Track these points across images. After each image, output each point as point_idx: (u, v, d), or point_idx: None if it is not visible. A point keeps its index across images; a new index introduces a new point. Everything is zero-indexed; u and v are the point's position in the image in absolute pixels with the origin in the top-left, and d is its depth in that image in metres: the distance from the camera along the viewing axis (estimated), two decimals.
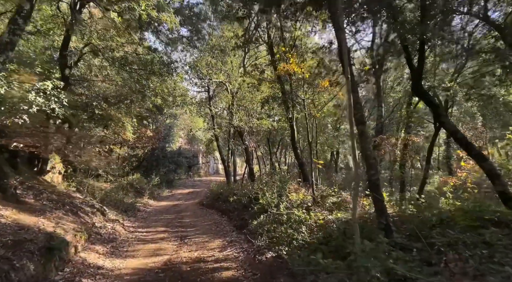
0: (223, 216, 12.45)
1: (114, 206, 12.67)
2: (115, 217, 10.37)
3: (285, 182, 10.08)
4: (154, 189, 21.00)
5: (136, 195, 18.19)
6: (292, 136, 11.26)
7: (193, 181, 30.37)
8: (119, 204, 13.17)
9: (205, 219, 12.22)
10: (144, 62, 11.62)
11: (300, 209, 7.55)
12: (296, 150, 11.35)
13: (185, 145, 35.24)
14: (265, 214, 8.53)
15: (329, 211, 7.69)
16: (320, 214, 7.17)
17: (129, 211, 13.16)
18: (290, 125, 11.14)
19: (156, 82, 11.85)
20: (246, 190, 11.49)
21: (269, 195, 9.46)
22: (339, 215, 6.82)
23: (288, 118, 10.92)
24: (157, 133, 23.35)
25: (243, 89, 12.49)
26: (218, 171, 40.64)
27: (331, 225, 6.37)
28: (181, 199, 19.94)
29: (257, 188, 11.10)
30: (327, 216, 6.93)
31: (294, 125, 11.13)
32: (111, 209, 11.60)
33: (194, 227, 10.36)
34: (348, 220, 6.35)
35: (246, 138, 13.67)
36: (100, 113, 14.41)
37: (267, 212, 8.57)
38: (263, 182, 11.47)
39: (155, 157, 24.77)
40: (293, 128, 11.18)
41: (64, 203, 7.80)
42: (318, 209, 7.73)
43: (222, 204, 13.64)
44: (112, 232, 8.05)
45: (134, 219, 11.94)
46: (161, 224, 11.00)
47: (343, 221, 6.47)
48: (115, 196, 14.50)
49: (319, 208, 7.76)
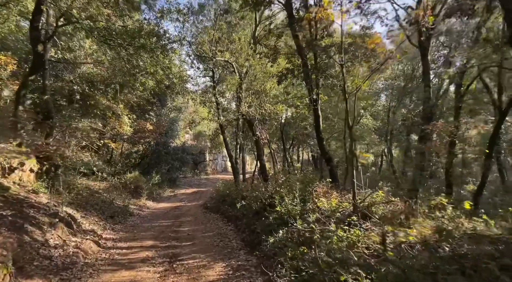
0: (228, 223, 10.11)
1: (99, 210, 10.48)
2: (91, 227, 8.14)
3: (310, 183, 7.65)
4: (154, 188, 18.83)
5: (132, 195, 16.05)
6: (317, 124, 8.81)
7: (199, 179, 28.18)
8: (105, 208, 10.99)
9: (207, 227, 9.91)
10: (131, 33, 9.32)
11: (339, 225, 5.12)
12: (322, 141, 8.88)
13: (191, 141, 33.11)
14: (285, 228, 6.14)
15: (380, 226, 5.23)
16: (376, 234, 4.71)
17: (117, 216, 10.95)
18: (313, 109, 8.69)
19: (147, 59, 9.55)
20: (257, 192, 9.12)
21: (288, 200, 7.07)
22: (412, 235, 4.32)
23: (311, 101, 8.49)
24: (158, 127, 21.15)
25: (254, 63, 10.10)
26: (226, 168, 38.39)
27: (404, 253, 3.91)
28: (183, 199, 17.73)
29: (272, 190, 8.71)
30: (388, 236, 4.47)
31: (318, 109, 8.68)
32: (91, 216, 9.40)
33: (191, 241, 8.04)
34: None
35: (257, 128, 11.28)
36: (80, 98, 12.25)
37: (288, 225, 6.19)
38: (279, 182, 9.06)
39: (157, 153, 22.59)
40: (318, 114, 8.73)
41: (2, 213, 5.58)
42: (365, 223, 5.28)
43: (228, 208, 11.30)
44: (73, 253, 5.79)
45: (120, 227, 9.71)
46: (151, 235, 8.73)
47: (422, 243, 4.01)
48: (103, 197, 12.35)
49: (366, 222, 5.30)
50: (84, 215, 9.05)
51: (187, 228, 9.86)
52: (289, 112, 10.79)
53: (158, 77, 10.43)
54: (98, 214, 10.16)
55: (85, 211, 9.78)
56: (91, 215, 9.56)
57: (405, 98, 19.73)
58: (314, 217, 5.63)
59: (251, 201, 9.11)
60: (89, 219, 8.89)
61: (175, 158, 23.64)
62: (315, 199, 7.03)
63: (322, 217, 5.75)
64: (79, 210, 9.41)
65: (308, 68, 8.17)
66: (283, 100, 10.87)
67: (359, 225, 5.15)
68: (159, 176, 19.54)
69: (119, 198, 13.92)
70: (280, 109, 10.24)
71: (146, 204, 15.36)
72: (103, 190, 14.30)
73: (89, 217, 9.14)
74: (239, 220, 9.56)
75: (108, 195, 13.42)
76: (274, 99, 10.74)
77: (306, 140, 21.36)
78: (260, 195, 8.88)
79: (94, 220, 9.07)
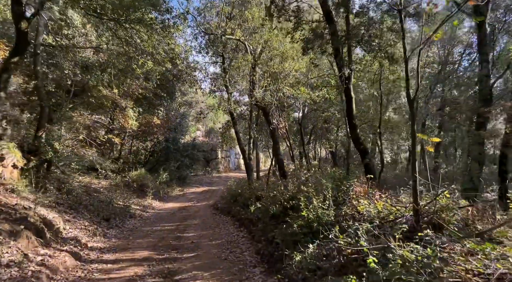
0: (241, 228, 8.56)
1: (93, 212, 9.15)
2: (75, 234, 6.75)
3: (344, 180, 5.98)
4: (161, 187, 17.53)
5: (137, 194, 14.78)
6: (348, 108, 7.10)
7: (210, 177, 26.77)
8: (101, 209, 9.64)
9: (215, 233, 8.39)
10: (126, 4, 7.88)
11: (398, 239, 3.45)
12: (355, 130, 7.16)
13: (202, 137, 31.80)
14: (316, 241, 4.52)
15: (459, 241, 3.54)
16: (463, 255, 3.04)
17: (114, 218, 9.60)
18: (345, 90, 6.97)
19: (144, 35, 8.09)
20: (275, 192, 7.50)
21: (317, 202, 5.43)
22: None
23: (342, 79, 6.80)
24: (166, 122, 19.83)
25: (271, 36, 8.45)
26: (239, 166, 36.90)
27: None
28: (192, 199, 16.32)
29: (294, 189, 7.09)
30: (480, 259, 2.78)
31: (351, 89, 6.97)
32: (81, 219, 8.04)
33: (194, 251, 6.53)
34: None
35: (274, 116, 9.65)
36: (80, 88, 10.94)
37: (319, 236, 4.57)
38: (302, 179, 7.42)
39: (165, 150, 21.31)
40: (350, 95, 7.02)
41: None
42: (439, 237, 3.58)
43: (240, 210, 9.75)
44: (32, 273, 4.36)
45: (115, 232, 8.31)
46: (149, 243, 7.28)
47: None
48: (102, 197, 11.05)
49: (441, 236, 3.60)
50: (71, 219, 7.69)
51: (192, 234, 8.37)
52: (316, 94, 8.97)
53: (158, 58, 8.98)
54: (92, 216, 8.83)
55: (76, 213, 8.45)
56: (81, 218, 8.21)
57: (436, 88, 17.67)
58: (366, 228, 3.95)
59: (268, 202, 7.52)
60: (76, 223, 7.51)
61: (185, 155, 22.31)
62: (354, 201, 5.36)
63: (370, 227, 4.09)
64: (67, 212, 8.08)
65: (339, 37, 6.51)
66: (306, 81, 9.09)
67: (432, 241, 3.46)
68: (167, 174, 18.23)
69: (121, 197, 12.64)
70: (302, 91, 8.56)
71: (152, 204, 14.02)
72: (105, 188, 13.10)
73: (78, 221, 7.78)
74: (253, 225, 8.00)
75: (109, 194, 12.17)
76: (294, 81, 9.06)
77: (325, 134, 19.56)
78: (279, 195, 7.28)
79: (83, 224, 7.69)
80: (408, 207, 4.57)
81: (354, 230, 4.07)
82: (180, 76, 12.56)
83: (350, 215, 5.10)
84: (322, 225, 5.03)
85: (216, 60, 13.64)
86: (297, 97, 9.39)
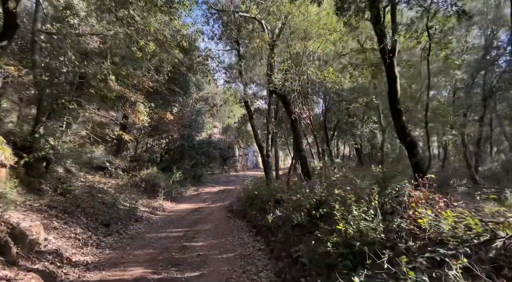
0: (257, 237, 7.23)
1: (91, 216, 8.13)
2: (58, 245, 5.66)
3: (392, 182, 4.50)
4: (175, 186, 16.52)
5: (148, 195, 13.80)
6: (392, 89, 5.54)
7: (227, 176, 25.62)
8: (102, 213, 8.62)
9: (228, 242, 7.10)
10: None
11: None
12: (399, 117, 5.55)
13: (219, 135, 30.73)
14: (364, 272, 3.09)
15: None
16: None
17: (115, 223, 8.56)
18: (387, 67, 5.42)
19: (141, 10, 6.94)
20: (299, 195, 6.09)
21: (358, 211, 4.00)
22: None
23: (384, 52, 5.29)
24: (180, 118, 18.82)
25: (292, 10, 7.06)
26: (257, 164, 35.57)
27: None
28: (207, 200, 15.16)
29: (323, 192, 5.67)
30: None
31: (395, 66, 5.44)
32: (73, 225, 7.00)
33: (199, 269, 5.26)
34: None
35: (296, 105, 8.21)
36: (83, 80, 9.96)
37: (365, 260, 3.15)
38: (332, 179, 5.99)
39: (180, 147, 20.34)
40: (394, 74, 5.47)
41: None
42: None
43: (256, 215, 8.43)
44: None
45: (112, 240, 7.21)
46: (147, 256, 6.10)
47: None
48: (105, 198, 10.06)
49: None
50: (61, 225, 6.65)
51: (200, 243, 7.13)
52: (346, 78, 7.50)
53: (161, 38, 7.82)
54: (89, 221, 7.79)
55: (71, 217, 7.44)
56: (75, 223, 7.17)
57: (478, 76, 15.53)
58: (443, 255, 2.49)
59: (290, 207, 6.14)
60: (65, 231, 6.45)
61: (200, 153, 21.26)
62: (409, 211, 3.89)
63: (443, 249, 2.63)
64: (59, 217, 7.07)
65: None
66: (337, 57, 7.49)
67: None
68: (180, 173, 17.17)
69: (129, 198, 11.65)
70: (330, 72, 7.08)
71: (163, 205, 12.98)
72: (113, 188, 12.17)
73: (68, 228, 6.73)
74: (272, 234, 6.65)
75: (116, 194, 11.22)
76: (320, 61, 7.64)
77: (351, 129, 17.87)
78: (304, 199, 5.87)
79: (74, 232, 6.62)
80: (504, 223, 3.07)
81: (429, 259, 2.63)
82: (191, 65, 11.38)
83: (407, 231, 3.64)
84: (368, 245, 3.62)
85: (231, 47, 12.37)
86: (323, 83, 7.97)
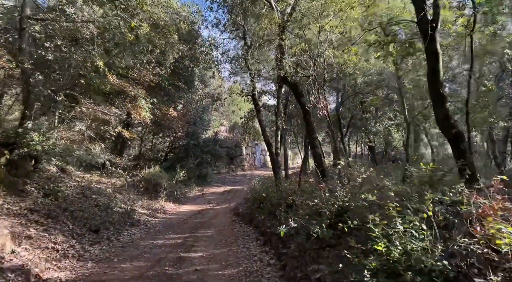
0: (265, 248, 6.22)
1: (79, 221, 7.24)
2: (28, 259, 4.76)
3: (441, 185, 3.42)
4: (178, 186, 15.63)
5: (150, 196, 12.94)
6: (433, 70, 4.41)
7: (234, 175, 24.65)
8: (92, 216, 7.73)
9: (231, 253, 6.10)
10: None
11: None
12: (443, 104, 4.39)
13: (226, 133, 29.77)
14: None
15: None
16: None
17: (107, 228, 7.66)
18: (428, 43, 4.27)
19: None
20: (317, 199, 5.03)
21: (405, 224, 2.94)
22: None
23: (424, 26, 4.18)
24: (184, 115, 17.90)
25: None
26: (265, 163, 34.50)
27: None
28: (212, 201, 14.22)
29: (346, 195, 4.62)
30: None
31: (437, 41, 4.34)
32: (54, 232, 6.10)
33: None
34: None
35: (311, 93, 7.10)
36: None
37: None
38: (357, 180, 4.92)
39: (185, 146, 19.47)
40: (435, 49, 4.36)
41: None
42: None
43: (265, 220, 7.43)
44: None
45: (98, 249, 6.28)
46: (135, 271, 5.14)
47: None
48: (100, 199, 9.18)
49: None
50: (38, 233, 5.75)
51: (200, 253, 6.15)
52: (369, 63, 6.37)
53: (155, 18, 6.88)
54: (75, 227, 6.90)
55: (54, 223, 6.55)
56: (57, 230, 6.27)
57: None
58: None
59: (305, 214, 5.09)
60: (42, 240, 5.54)
61: (206, 151, 20.36)
62: (476, 226, 2.81)
63: None
64: (39, 223, 6.19)
65: None
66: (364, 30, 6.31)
67: None
68: (184, 172, 16.26)
69: (127, 199, 10.77)
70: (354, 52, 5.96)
71: (164, 207, 12.09)
72: (110, 189, 11.31)
73: (47, 235, 5.83)
74: (283, 245, 5.63)
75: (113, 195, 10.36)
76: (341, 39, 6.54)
77: (365, 126, 16.68)
78: (322, 205, 4.82)
79: (53, 241, 5.72)
80: None
81: None
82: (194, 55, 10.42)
83: (479, 256, 2.58)
84: (421, 274, 2.58)
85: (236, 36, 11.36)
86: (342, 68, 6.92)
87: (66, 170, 10.69)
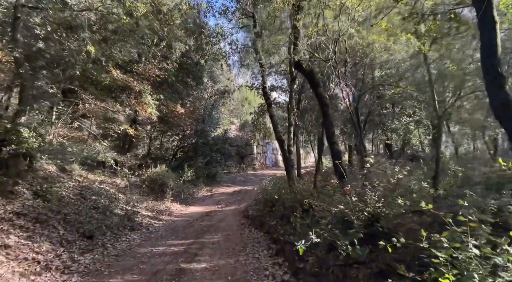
0: (278, 259, 5.37)
1: (72, 225, 6.56)
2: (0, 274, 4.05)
3: None
4: (186, 186, 14.94)
5: (154, 196, 12.29)
6: (487, 44, 3.47)
7: (244, 175, 23.84)
8: (87, 220, 7.04)
9: (238, 265, 5.28)
10: None
11: None
12: (502, 87, 3.52)
13: (237, 131, 29.00)
14: None
15: None
16: None
17: (103, 233, 6.97)
18: (483, 10, 3.38)
19: None
20: (342, 205, 4.14)
21: (482, 249, 2.03)
22: None
23: None
24: (192, 112, 17.20)
25: None
26: (277, 163, 33.58)
27: None
28: (220, 202, 13.44)
29: (378, 200, 3.72)
30: None
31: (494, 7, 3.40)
32: (39, 239, 5.43)
33: None
34: None
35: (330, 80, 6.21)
36: None
37: None
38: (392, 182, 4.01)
39: (193, 144, 18.79)
40: (492, 21, 3.43)
41: None
42: None
43: (277, 225, 6.58)
44: None
45: (90, 259, 5.57)
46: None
47: None
48: (100, 201, 8.53)
49: None
50: (20, 241, 5.07)
51: (203, 264, 5.35)
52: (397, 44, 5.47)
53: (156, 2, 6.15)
54: (66, 232, 6.22)
55: (41, 228, 5.89)
56: (44, 236, 5.60)
57: None
58: None
59: (327, 222, 4.22)
60: (22, 250, 4.85)
61: (215, 149, 19.63)
62: None
63: None
64: (23, 229, 5.53)
65: None
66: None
67: None
68: (192, 171, 15.55)
69: (130, 200, 10.11)
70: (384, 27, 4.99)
71: (170, 208, 11.38)
72: (113, 189, 10.69)
73: (30, 244, 5.15)
74: (299, 258, 4.76)
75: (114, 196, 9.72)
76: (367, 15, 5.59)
77: (384, 122, 15.56)
78: (348, 210, 3.93)
79: (36, 250, 5.02)
80: None
81: None
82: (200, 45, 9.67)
83: None
84: None
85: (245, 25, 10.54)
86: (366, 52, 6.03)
87: (66, 169, 10.13)
